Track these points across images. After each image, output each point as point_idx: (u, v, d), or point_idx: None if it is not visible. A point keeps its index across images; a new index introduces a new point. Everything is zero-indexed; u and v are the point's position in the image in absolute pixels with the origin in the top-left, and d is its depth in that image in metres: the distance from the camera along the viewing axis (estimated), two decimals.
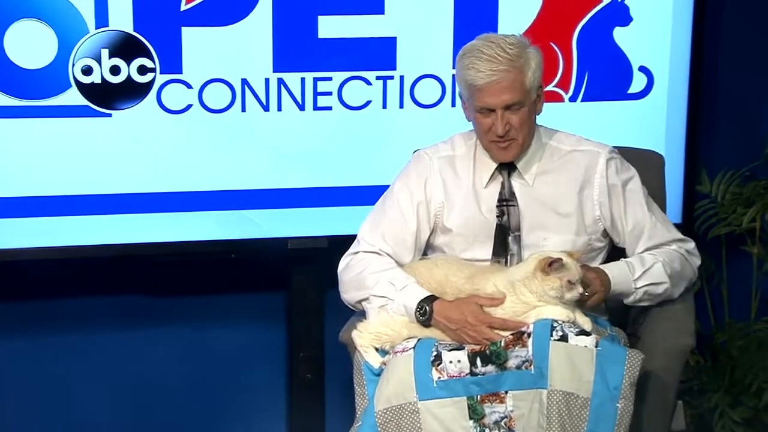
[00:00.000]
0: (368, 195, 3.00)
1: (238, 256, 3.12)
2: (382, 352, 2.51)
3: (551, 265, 2.38)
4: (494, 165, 2.61)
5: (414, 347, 2.42)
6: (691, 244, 2.69)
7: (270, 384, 3.36)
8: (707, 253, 3.37)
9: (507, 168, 2.62)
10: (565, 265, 2.38)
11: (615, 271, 2.56)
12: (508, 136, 2.52)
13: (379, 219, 2.65)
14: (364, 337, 2.52)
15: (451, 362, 2.37)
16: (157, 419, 3.31)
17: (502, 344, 2.37)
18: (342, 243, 2.73)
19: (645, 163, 2.85)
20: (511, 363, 2.35)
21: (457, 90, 2.58)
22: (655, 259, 2.61)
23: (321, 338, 3.26)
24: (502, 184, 2.62)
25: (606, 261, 2.68)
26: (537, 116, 2.58)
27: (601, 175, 2.62)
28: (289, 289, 3.28)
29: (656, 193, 2.82)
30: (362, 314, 2.60)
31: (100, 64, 2.94)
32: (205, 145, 3.05)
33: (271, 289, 3.32)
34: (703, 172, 3.39)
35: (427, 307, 2.47)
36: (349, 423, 2.51)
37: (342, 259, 2.66)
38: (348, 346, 2.60)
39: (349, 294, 2.62)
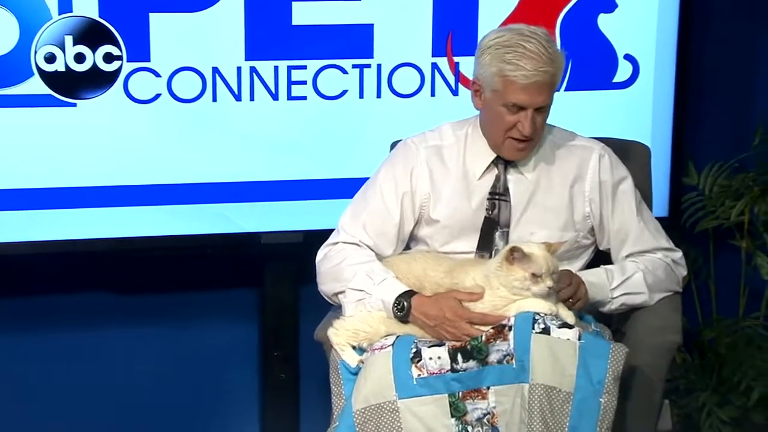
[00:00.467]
0: (345, 188, 2.99)
1: (210, 252, 3.09)
2: (360, 350, 2.48)
3: (513, 254, 2.36)
4: (490, 157, 2.58)
5: (392, 344, 2.41)
6: (678, 254, 2.68)
7: (242, 384, 3.33)
8: (694, 247, 3.39)
9: (504, 161, 2.59)
10: (529, 255, 2.36)
11: (591, 278, 2.55)
12: (529, 136, 2.50)
13: (360, 209, 2.62)
14: (340, 335, 2.50)
15: (431, 359, 2.35)
16: (124, 420, 3.27)
17: (483, 339, 2.35)
18: (318, 237, 2.70)
19: (630, 155, 2.84)
20: (493, 357, 2.34)
21: (477, 76, 2.52)
22: (636, 268, 2.61)
23: (295, 336, 3.23)
24: (497, 177, 2.59)
25: (592, 260, 2.67)
26: None
27: (594, 171, 2.61)
28: (262, 285, 3.24)
29: (642, 186, 2.80)
30: (338, 311, 2.57)
31: (63, 52, 2.90)
32: (174, 137, 3.01)
33: (243, 286, 3.28)
34: (690, 163, 3.37)
35: (405, 303, 2.45)
36: (325, 425, 2.49)
37: (321, 248, 2.64)
38: (323, 344, 2.57)
39: (326, 285, 2.60)
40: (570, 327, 2.36)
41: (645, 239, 2.64)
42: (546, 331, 2.33)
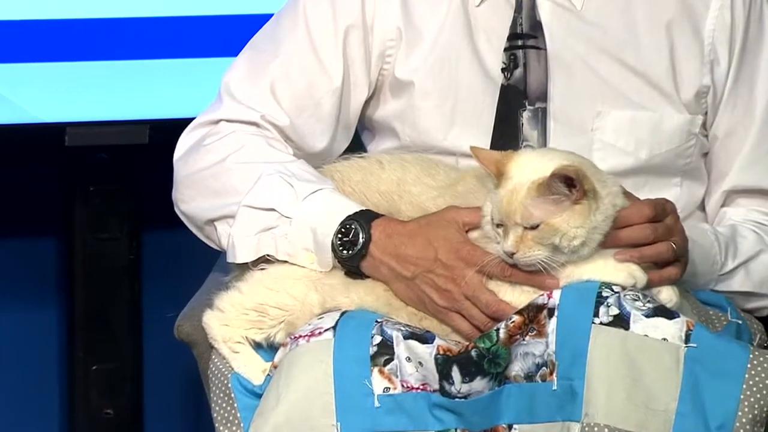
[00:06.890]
0: (233, 36, 2.88)
1: None
2: (268, 351, 2.19)
3: (496, 163, 2.21)
4: None
5: (334, 326, 2.13)
6: None
7: (35, 425, 3.14)
8: None
9: None
10: (504, 174, 2.18)
11: (692, 235, 2.33)
12: None
13: (265, 59, 2.38)
14: (229, 321, 2.22)
15: (409, 360, 2.10)
16: None
17: (502, 335, 2.09)
18: (174, 134, 2.39)
19: None
20: (516, 368, 2.09)
21: None
22: (762, 244, 2.41)
23: (135, 331, 3.06)
24: (518, 4, 2.37)
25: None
26: None
27: (722, 5, 2.40)
28: (69, 228, 3.08)
29: None
30: (226, 275, 2.25)
31: None
32: None
33: (33, 231, 3.15)
34: None
35: (361, 231, 2.19)
36: None
37: (185, 133, 2.37)
38: (194, 345, 2.29)
39: (193, 202, 2.32)
40: (670, 316, 2.06)
41: None
42: (621, 321, 2.07)
